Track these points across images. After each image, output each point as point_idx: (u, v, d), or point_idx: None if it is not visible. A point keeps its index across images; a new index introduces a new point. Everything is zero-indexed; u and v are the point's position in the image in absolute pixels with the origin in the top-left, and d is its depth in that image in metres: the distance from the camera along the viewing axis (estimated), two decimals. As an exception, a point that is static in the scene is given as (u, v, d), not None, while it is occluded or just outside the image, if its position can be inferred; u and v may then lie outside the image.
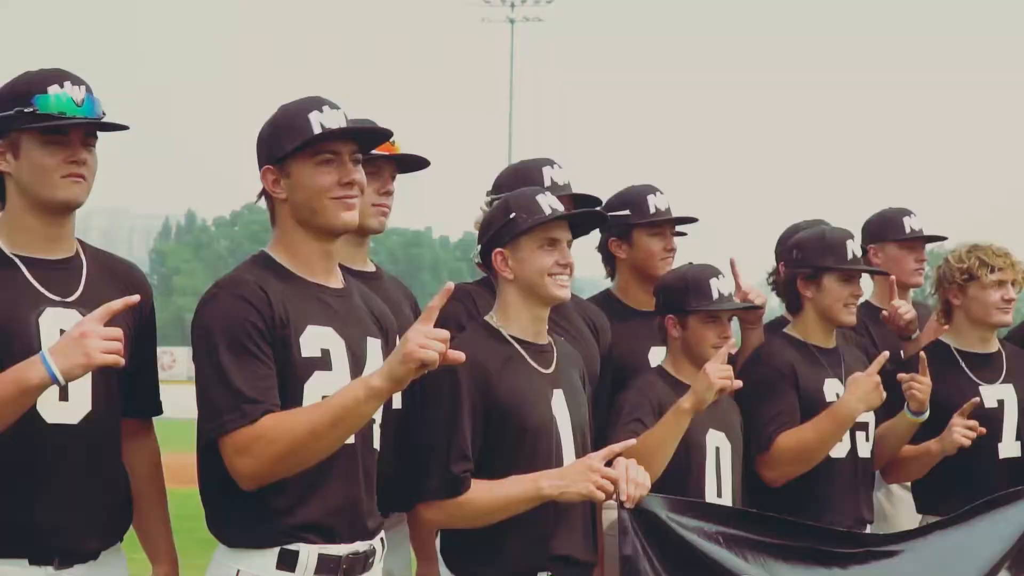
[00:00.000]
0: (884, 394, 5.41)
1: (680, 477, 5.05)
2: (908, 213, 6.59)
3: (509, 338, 4.42)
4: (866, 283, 6.68)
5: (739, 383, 5.01)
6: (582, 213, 4.58)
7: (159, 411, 4.15)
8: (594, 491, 4.21)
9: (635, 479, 4.40)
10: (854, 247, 5.64)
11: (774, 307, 6.09)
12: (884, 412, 5.69)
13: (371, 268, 4.72)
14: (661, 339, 5.32)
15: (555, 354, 4.51)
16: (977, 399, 5.69)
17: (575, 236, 4.55)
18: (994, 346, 6.01)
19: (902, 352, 6.14)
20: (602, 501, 4.30)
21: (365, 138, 3.96)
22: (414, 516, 4.54)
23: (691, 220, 5.82)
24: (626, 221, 5.65)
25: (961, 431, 5.60)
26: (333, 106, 3.91)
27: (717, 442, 5.20)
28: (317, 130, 3.83)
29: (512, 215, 4.40)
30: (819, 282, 5.61)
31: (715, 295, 5.20)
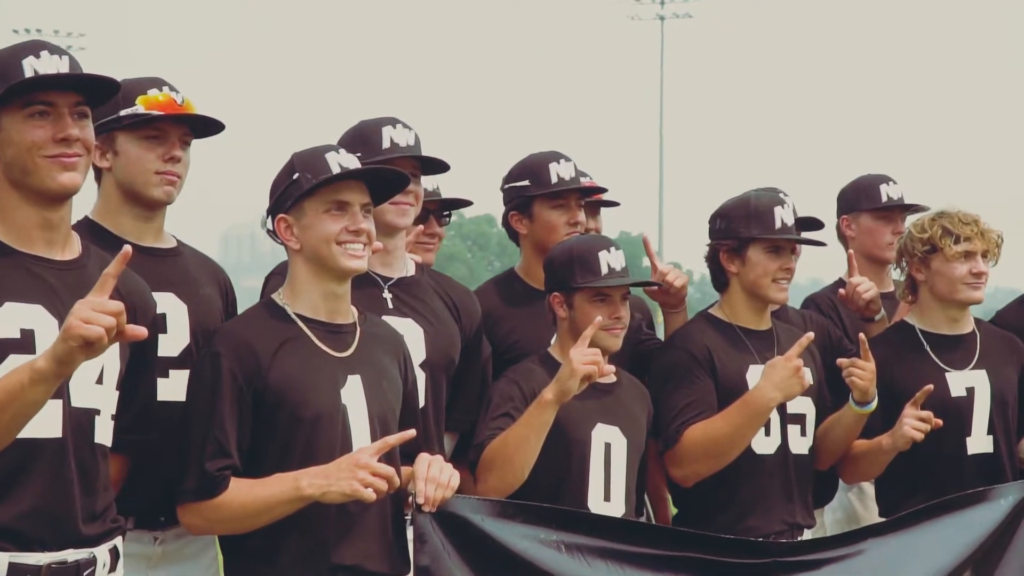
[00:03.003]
0: (808, 381, 4.73)
1: (557, 478, 4.47)
2: (886, 180, 5.89)
3: (294, 317, 3.88)
4: (840, 258, 5.98)
5: (611, 368, 4.38)
6: (374, 170, 3.96)
7: None
8: (359, 490, 3.63)
9: (436, 479, 3.82)
10: (784, 215, 4.93)
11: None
12: (837, 403, 5.03)
13: (169, 244, 4.18)
14: (552, 320, 4.73)
15: (357, 335, 3.94)
16: (931, 386, 4.94)
17: (378, 201, 3.98)
18: (966, 327, 5.26)
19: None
20: (371, 500, 3.69)
21: (93, 89, 3.45)
22: None
23: (600, 190, 5.22)
24: (525, 193, 5.07)
25: (913, 423, 4.88)
26: (56, 50, 3.43)
27: (608, 437, 4.57)
28: (29, 76, 3.36)
29: (295, 176, 3.86)
30: (744, 255, 4.93)
31: (604, 270, 4.58)
